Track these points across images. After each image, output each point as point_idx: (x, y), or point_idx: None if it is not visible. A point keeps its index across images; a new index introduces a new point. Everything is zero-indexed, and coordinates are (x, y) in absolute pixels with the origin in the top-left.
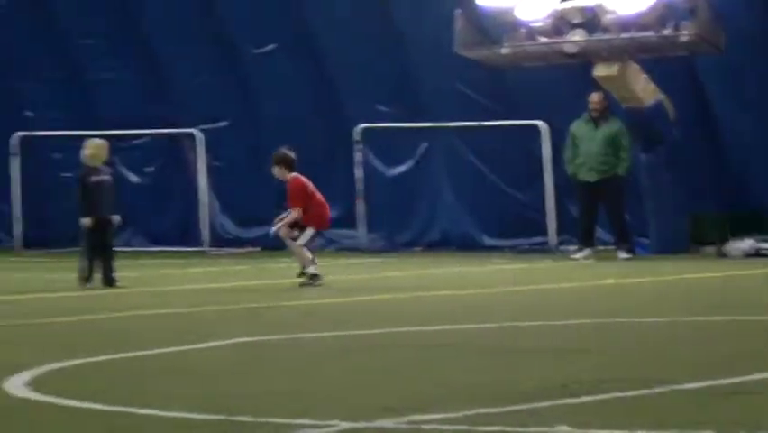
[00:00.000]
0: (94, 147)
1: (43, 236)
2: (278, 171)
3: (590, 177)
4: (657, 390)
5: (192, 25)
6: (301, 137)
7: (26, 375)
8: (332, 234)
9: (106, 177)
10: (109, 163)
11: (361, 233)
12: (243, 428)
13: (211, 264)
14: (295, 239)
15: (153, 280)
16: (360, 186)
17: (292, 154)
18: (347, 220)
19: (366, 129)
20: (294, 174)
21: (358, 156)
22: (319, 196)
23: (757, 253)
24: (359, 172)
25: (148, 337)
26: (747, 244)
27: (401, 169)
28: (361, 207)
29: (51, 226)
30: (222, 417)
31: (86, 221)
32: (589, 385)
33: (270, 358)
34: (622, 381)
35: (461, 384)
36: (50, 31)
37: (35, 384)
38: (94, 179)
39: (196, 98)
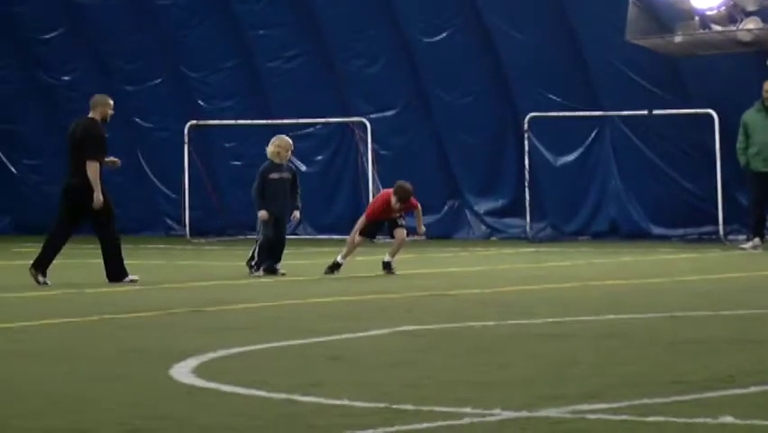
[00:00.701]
0: (276, 144)
1: (214, 224)
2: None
3: (764, 166)
4: None
5: (364, 15)
6: (470, 126)
7: (192, 362)
8: (498, 223)
9: (285, 174)
10: None
11: (527, 222)
12: (405, 416)
13: (376, 253)
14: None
15: (319, 269)
16: (527, 175)
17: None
18: (514, 209)
19: (534, 117)
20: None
21: (526, 145)
22: None
23: None
24: (527, 161)
25: (311, 326)
26: None
27: (569, 158)
28: (527, 197)
29: (222, 214)
30: (384, 405)
31: (261, 214)
32: (756, 376)
33: (433, 347)
34: None
35: (626, 374)
36: (224, 21)
37: (201, 371)
38: (273, 175)
39: (367, 87)
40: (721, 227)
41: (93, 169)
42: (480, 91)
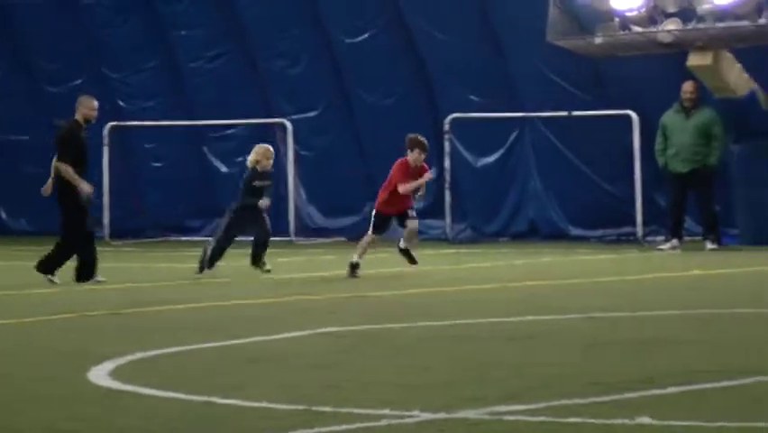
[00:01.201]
0: (255, 152)
1: (133, 226)
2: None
3: (682, 167)
4: (743, 381)
5: (287, 15)
6: (392, 127)
7: (110, 365)
8: (419, 224)
9: (266, 182)
10: (200, 154)
11: (447, 223)
12: (324, 418)
13: (297, 254)
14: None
15: (241, 270)
16: (448, 176)
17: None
18: (434, 210)
19: (455, 119)
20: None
21: (447, 146)
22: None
23: None
24: (447, 162)
25: (232, 327)
26: None
27: (490, 159)
28: (448, 198)
29: (142, 216)
30: (303, 407)
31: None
32: (674, 377)
33: (353, 349)
34: (707, 372)
35: (545, 375)
36: (147, 21)
37: (118, 374)
38: (256, 183)
39: (289, 88)
40: (640, 228)
41: (64, 168)
42: (402, 92)
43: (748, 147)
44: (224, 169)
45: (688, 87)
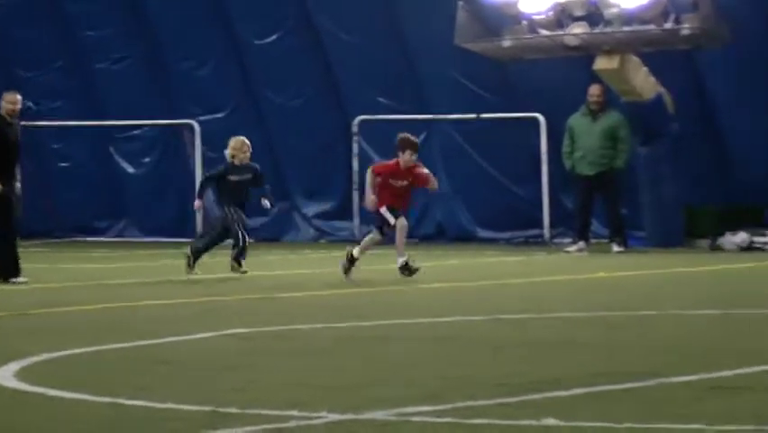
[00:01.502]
0: (230, 146)
1: (42, 227)
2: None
3: (589, 170)
4: (647, 383)
5: (195, 16)
6: (300, 129)
7: (15, 366)
8: (326, 225)
9: (246, 176)
10: (107, 155)
11: (355, 225)
12: (230, 419)
13: (206, 255)
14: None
15: (148, 271)
16: (356, 178)
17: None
18: (342, 212)
19: (364, 121)
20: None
21: (355, 148)
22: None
23: (751, 247)
24: (356, 164)
25: (140, 328)
26: (741, 237)
27: None
28: (356, 199)
29: (51, 216)
30: (209, 408)
31: (196, 203)
32: (579, 378)
33: (262, 350)
34: (612, 374)
35: (452, 376)
36: (54, 21)
37: (24, 375)
38: (232, 177)
39: (198, 89)
40: (547, 231)
41: None
42: (310, 94)
43: (654, 150)
44: (130, 169)
45: (594, 90)
